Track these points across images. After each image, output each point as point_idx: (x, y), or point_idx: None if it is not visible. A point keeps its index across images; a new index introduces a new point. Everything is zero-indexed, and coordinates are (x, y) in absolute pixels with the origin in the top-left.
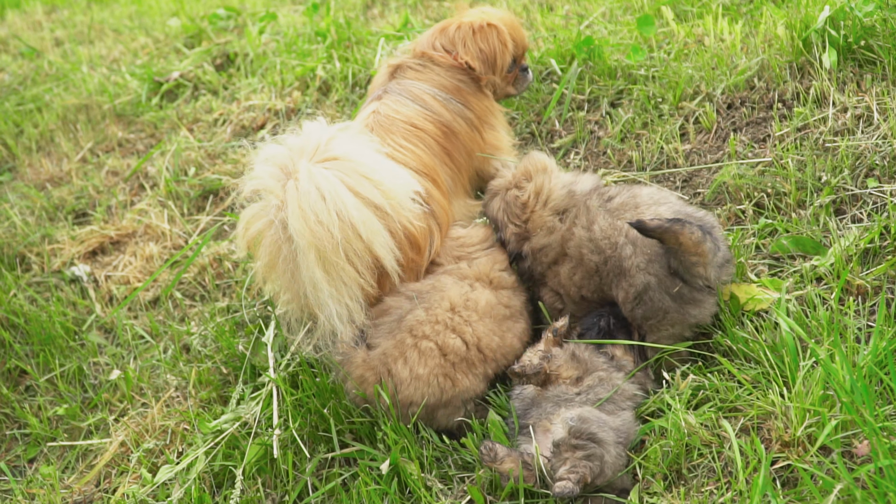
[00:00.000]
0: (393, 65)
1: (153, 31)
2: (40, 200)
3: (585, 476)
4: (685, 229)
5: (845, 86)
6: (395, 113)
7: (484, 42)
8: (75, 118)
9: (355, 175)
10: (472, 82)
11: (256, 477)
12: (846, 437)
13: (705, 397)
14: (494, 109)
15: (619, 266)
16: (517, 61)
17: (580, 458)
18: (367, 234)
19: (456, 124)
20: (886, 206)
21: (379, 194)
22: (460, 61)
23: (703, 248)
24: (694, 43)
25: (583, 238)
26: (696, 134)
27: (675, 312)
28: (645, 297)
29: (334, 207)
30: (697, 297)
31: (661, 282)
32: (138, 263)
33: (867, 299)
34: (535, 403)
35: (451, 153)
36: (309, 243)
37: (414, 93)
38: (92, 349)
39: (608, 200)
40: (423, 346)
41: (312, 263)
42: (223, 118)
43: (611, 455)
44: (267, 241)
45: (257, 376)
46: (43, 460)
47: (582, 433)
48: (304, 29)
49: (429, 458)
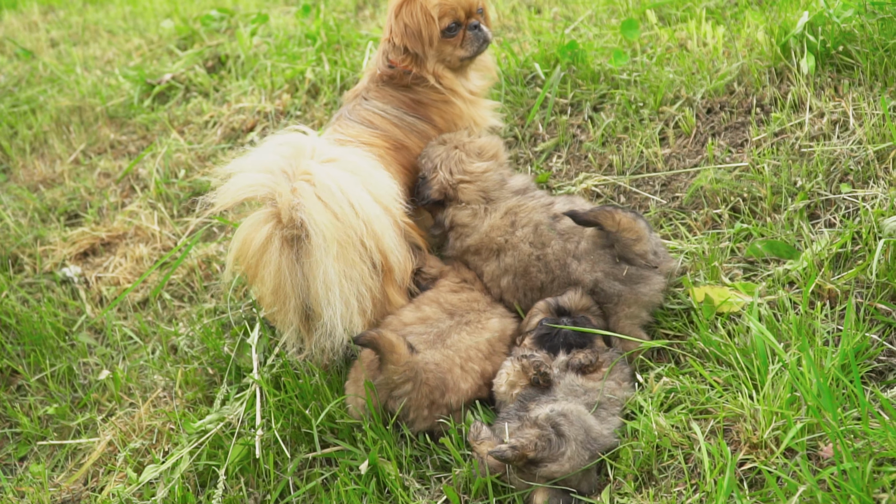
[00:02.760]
0: (356, 91)
1: (147, 32)
2: (33, 202)
3: (525, 448)
4: (618, 210)
5: (823, 91)
6: (342, 136)
7: (408, 17)
8: (69, 120)
9: (361, 173)
10: (429, 90)
11: (239, 476)
12: (813, 439)
13: (678, 399)
14: (463, 122)
15: (567, 280)
16: (461, 23)
17: (532, 435)
18: (380, 228)
19: (408, 140)
20: (858, 211)
21: (381, 192)
22: (393, 41)
23: (637, 224)
24: (676, 47)
25: (532, 257)
26: (676, 138)
27: (628, 293)
28: (596, 289)
29: (354, 202)
30: (645, 275)
31: (609, 273)
32: (128, 265)
33: (837, 303)
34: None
35: (406, 166)
36: (332, 237)
37: (363, 115)
38: (82, 349)
39: (555, 218)
40: (468, 366)
41: (332, 259)
42: (213, 120)
43: (570, 450)
44: (276, 245)
45: (242, 377)
46: (33, 459)
47: (551, 421)
48: (295, 31)
49: (407, 458)
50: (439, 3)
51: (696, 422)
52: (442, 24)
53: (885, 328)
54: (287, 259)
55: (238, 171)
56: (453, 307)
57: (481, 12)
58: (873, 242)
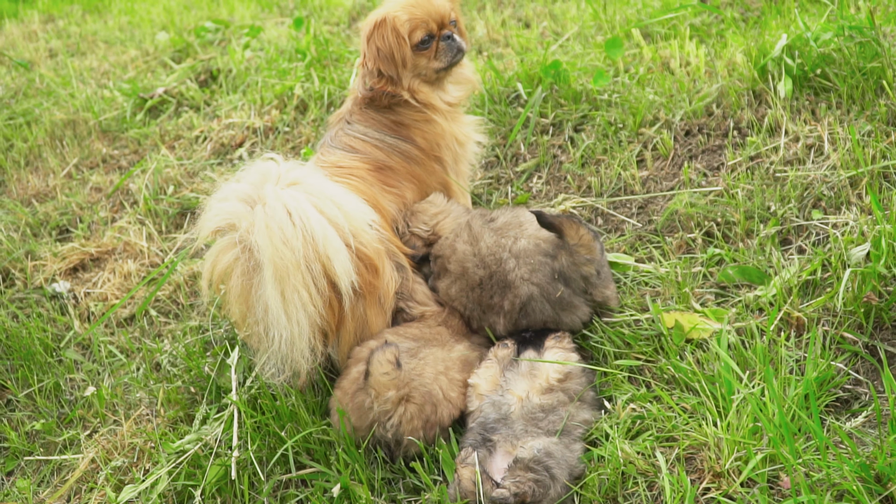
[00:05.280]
0: (340, 114)
1: (143, 43)
2: (25, 216)
3: (526, 495)
4: (583, 225)
5: (799, 114)
6: (322, 163)
7: (379, 40)
8: (62, 133)
9: (319, 195)
10: (410, 110)
11: (216, 497)
12: (775, 470)
13: (645, 426)
14: (445, 141)
15: (503, 279)
16: (434, 35)
17: (529, 479)
18: (328, 251)
19: (390, 160)
20: (829, 237)
21: (341, 215)
22: (367, 65)
23: (594, 245)
24: (659, 66)
25: (467, 253)
26: (654, 161)
27: (552, 322)
28: (529, 307)
29: (299, 223)
30: (574, 303)
31: (544, 290)
32: (116, 280)
33: (805, 331)
34: (507, 420)
35: (390, 183)
36: (269, 260)
37: (344, 141)
38: (69, 365)
39: (491, 221)
40: (451, 375)
41: (269, 282)
42: (204, 135)
43: (556, 491)
44: (238, 271)
45: (222, 397)
46: (20, 473)
47: (540, 463)
48: (287, 45)
49: (379, 482)
50: (410, 18)
51: (662, 449)
52: (415, 37)
53: (850, 357)
54: (250, 285)
55: (212, 202)
56: (419, 336)
57: (454, 23)
58: (842, 270)
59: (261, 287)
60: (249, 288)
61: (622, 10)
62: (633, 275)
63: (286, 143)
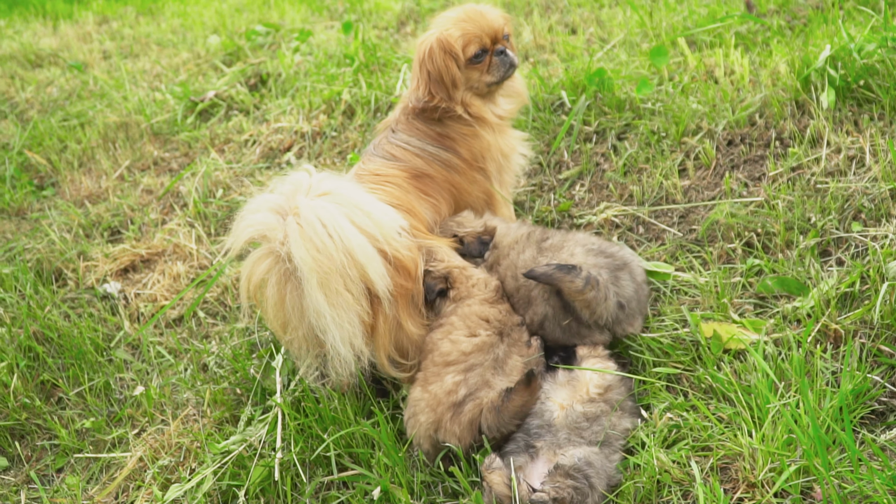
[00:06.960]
0: (387, 122)
1: (195, 46)
2: (78, 217)
3: (565, 501)
4: (568, 276)
5: (842, 125)
6: (362, 171)
7: (430, 64)
8: (115, 136)
9: (350, 205)
10: (459, 124)
11: (260, 497)
12: (808, 481)
13: (681, 435)
14: (491, 153)
15: (528, 295)
16: (487, 49)
17: (569, 486)
18: (363, 258)
19: (430, 168)
20: (868, 250)
21: (371, 223)
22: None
23: (584, 295)
24: (703, 75)
25: (511, 263)
26: (696, 170)
27: (566, 342)
28: (544, 325)
29: (334, 234)
30: (583, 332)
31: (556, 314)
32: (166, 282)
33: (842, 343)
34: (551, 427)
35: (427, 191)
36: (311, 269)
37: (386, 149)
38: (119, 365)
39: (544, 240)
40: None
41: (315, 289)
42: (253, 139)
43: (593, 500)
44: (273, 280)
45: (266, 399)
46: (69, 471)
47: (580, 471)
48: (336, 50)
49: (418, 485)
50: (463, 34)
51: (696, 459)
52: (468, 51)
53: (887, 370)
54: (286, 293)
55: (246, 213)
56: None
57: (507, 37)
58: (880, 283)
59: (302, 294)
60: (285, 295)
61: (668, 17)
62: (672, 283)
63: (333, 147)
